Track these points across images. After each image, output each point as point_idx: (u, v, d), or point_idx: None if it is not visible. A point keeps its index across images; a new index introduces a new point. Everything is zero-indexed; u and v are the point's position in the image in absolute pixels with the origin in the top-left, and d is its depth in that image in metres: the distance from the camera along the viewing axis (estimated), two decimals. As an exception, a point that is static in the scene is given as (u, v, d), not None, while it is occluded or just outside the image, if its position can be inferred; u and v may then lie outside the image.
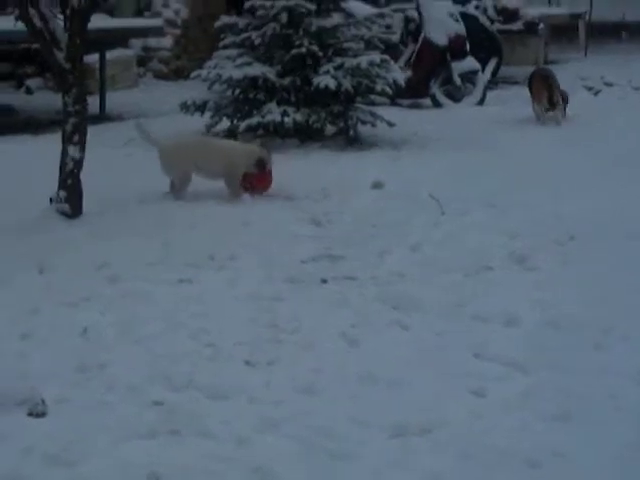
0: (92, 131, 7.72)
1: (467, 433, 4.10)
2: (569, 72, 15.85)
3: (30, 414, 4.29)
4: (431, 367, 4.79)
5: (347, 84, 10.54)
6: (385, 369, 4.73)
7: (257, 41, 10.86)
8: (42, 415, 4.29)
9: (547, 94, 12.14)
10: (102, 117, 12.81)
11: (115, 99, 13.74)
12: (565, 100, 12.31)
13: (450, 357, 4.92)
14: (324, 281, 6.11)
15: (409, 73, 13.15)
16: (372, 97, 11.29)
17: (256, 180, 8.32)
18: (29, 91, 15.06)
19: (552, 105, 12.13)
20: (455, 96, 14.02)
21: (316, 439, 4.02)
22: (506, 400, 4.43)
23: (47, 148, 8.73)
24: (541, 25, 17.91)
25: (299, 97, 10.76)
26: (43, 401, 4.35)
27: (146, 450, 3.96)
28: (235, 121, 10.84)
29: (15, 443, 4.01)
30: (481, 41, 14.98)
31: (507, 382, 4.64)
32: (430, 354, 4.96)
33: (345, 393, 4.49)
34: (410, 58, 14.17)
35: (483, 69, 14.50)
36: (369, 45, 11.26)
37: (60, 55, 7.21)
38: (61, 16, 7.32)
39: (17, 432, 4.10)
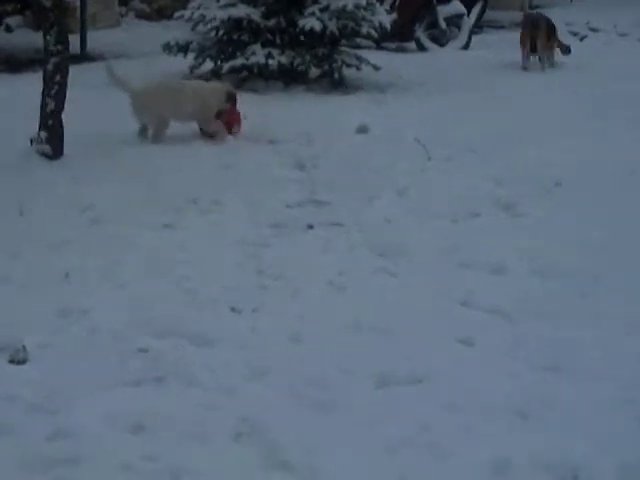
0: (73, 71, 7.53)
1: (455, 383, 4.03)
2: (555, 17, 15.49)
3: (11, 361, 4.19)
4: (418, 315, 4.72)
5: (332, 26, 10.37)
6: (371, 317, 4.66)
7: (241, -19, 10.65)
8: (23, 362, 4.19)
9: (531, 40, 12.00)
10: (83, 57, 12.51)
11: (96, 39, 13.43)
12: (563, 49, 12.25)
13: (437, 305, 4.84)
14: (310, 227, 6.02)
15: (394, 16, 12.93)
16: (357, 40, 11.15)
17: (229, 117, 8.16)
18: (9, 29, 14.72)
19: (534, 51, 12.03)
20: (440, 40, 13.84)
21: (304, 389, 3.94)
22: (494, 349, 4.37)
23: (28, 88, 8.52)
24: (527, -32, 17.67)
25: (284, 39, 10.58)
26: (24, 347, 4.25)
27: (131, 398, 3.87)
28: (219, 62, 10.65)
29: (-4, 391, 3.91)
30: (467, -16, 14.75)
31: (495, 331, 4.56)
32: (417, 302, 4.89)
33: (332, 341, 4.41)
34: (395, 1, 13.92)
35: (468, 13, 14.28)
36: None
37: (41, -8, 7.00)
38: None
39: (-2, 379, 4.01)
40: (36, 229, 5.80)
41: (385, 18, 10.85)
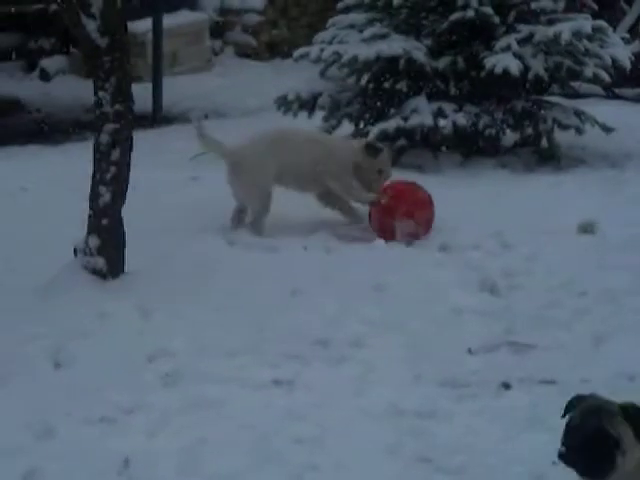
0: (141, 140, 7.65)
1: None
2: None
3: None
4: None
5: (538, 67, 10.40)
6: None
7: (397, 0, 10.79)
8: None
9: None
10: (156, 118, 12.87)
11: (177, 89, 13.81)
12: None
13: None
14: (506, 386, 5.97)
15: (637, 46, 12.92)
16: (576, 86, 11.16)
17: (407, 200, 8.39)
18: (45, 76, 15.23)
19: None
20: None
21: None
22: None
23: (71, 167, 8.73)
24: None
25: (462, 88, 10.69)
26: None
27: None
28: (362, 125, 10.82)
29: None
30: None
31: None
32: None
33: None
34: (638, 21, 13.95)
35: None
36: (573, 4, 11.07)
37: (92, 25, 7.14)
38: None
39: None
40: (78, 390, 5.83)
41: (622, 51, 10.80)
